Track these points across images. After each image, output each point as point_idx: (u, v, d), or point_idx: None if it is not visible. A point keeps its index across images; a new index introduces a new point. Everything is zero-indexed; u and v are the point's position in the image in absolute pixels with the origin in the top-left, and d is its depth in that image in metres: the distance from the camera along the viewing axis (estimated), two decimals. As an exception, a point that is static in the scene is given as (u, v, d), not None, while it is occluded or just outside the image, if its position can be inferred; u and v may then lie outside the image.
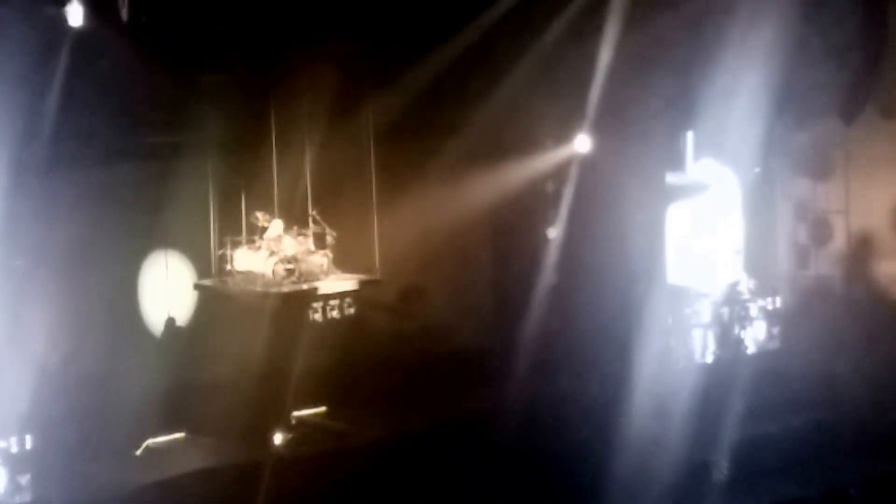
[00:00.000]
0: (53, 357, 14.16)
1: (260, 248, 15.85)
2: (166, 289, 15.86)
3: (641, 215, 16.95)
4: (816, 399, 17.29)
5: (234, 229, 15.98)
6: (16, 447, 13.58)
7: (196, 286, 16.04)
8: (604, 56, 16.58)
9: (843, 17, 17.65)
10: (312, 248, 16.08)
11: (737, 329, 18.24)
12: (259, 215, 15.90)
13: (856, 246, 18.56)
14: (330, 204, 16.25)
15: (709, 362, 17.97)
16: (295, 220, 16.06)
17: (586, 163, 16.94)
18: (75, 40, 14.10)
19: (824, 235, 18.79)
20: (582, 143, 16.95)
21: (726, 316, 18.19)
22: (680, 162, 18.33)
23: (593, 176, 16.87)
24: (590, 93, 16.64)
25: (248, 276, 15.82)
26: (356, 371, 16.41)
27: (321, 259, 16.05)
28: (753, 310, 18.50)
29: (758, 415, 16.54)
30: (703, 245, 18.70)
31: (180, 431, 15.42)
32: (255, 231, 15.93)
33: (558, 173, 17.10)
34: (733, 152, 18.09)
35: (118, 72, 14.54)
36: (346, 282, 16.11)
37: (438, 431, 15.94)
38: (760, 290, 18.62)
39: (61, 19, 14.09)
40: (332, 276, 16.09)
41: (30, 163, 13.92)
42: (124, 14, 14.47)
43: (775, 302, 18.66)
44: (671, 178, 18.00)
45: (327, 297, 15.88)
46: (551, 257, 17.01)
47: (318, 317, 15.82)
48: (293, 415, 15.84)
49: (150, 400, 15.04)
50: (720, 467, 16.00)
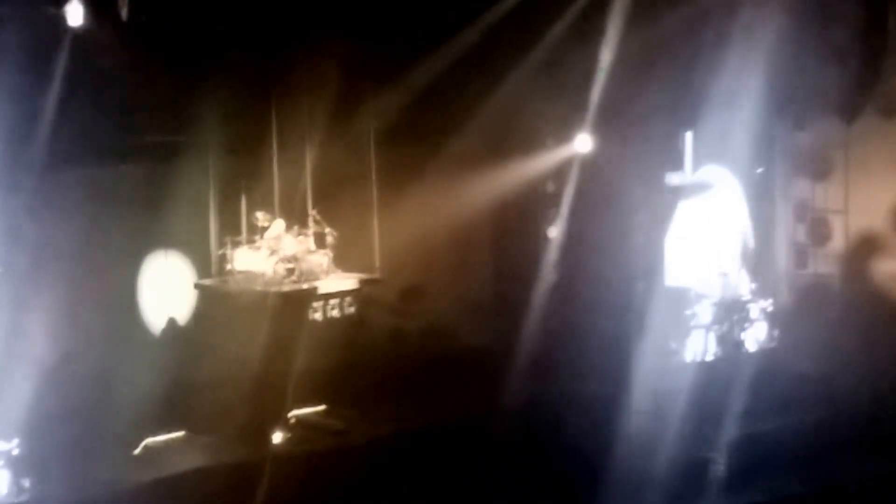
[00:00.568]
0: (53, 356, 14.15)
1: (260, 247, 15.89)
2: (167, 288, 15.90)
3: (642, 215, 16.95)
4: (815, 397, 17.32)
5: (235, 229, 16.03)
6: (18, 449, 13.62)
7: (196, 285, 16.08)
8: (604, 56, 16.58)
9: (843, 16, 17.64)
10: (313, 247, 16.12)
11: (737, 331, 18.26)
12: (259, 215, 15.93)
13: (855, 246, 18.58)
14: (330, 203, 16.29)
15: (708, 362, 17.99)
16: (295, 220, 16.09)
17: (587, 163, 16.93)
18: (75, 40, 14.13)
19: (823, 235, 18.80)
20: (582, 143, 16.94)
21: (726, 317, 18.22)
22: (681, 162, 18.34)
23: (594, 176, 16.87)
24: (590, 93, 16.63)
25: (249, 275, 15.86)
26: (356, 370, 16.42)
27: (321, 258, 16.09)
28: (754, 311, 18.53)
29: (757, 413, 16.57)
30: (704, 246, 18.71)
31: (179, 430, 15.39)
32: (256, 230, 15.96)
33: (559, 173, 17.10)
34: (734, 152, 18.11)
35: (118, 72, 14.59)
36: (346, 281, 16.15)
37: (438, 430, 15.94)
38: (761, 291, 18.65)
39: (61, 19, 14.10)
40: (333, 276, 16.13)
41: (30, 162, 13.95)
42: (124, 14, 14.50)
43: (774, 302, 18.69)
44: (673, 178, 18.02)
45: (327, 297, 15.92)
46: (551, 257, 17.01)
47: (319, 316, 15.86)
48: (292, 414, 15.85)
49: (150, 399, 15.01)
50: (719, 465, 16.04)
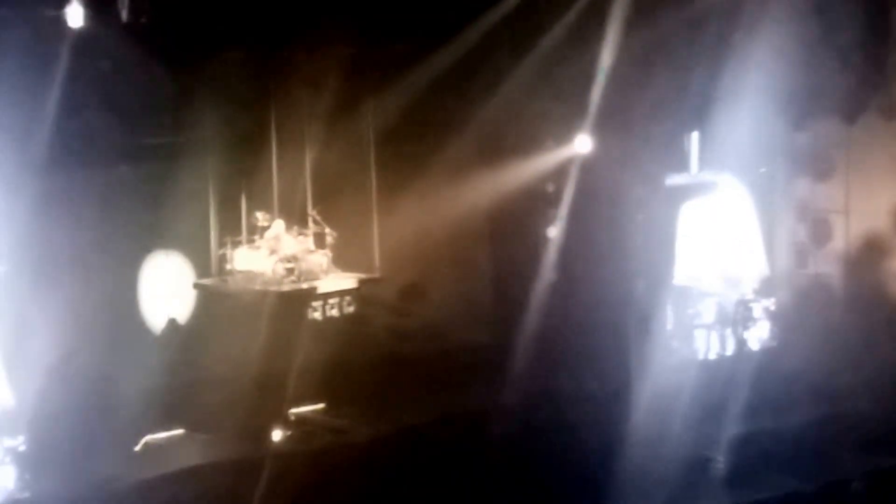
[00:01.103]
0: (54, 354, 14.22)
1: (260, 247, 15.97)
2: (167, 288, 15.99)
3: (642, 215, 16.97)
4: (816, 395, 17.34)
5: (235, 229, 16.10)
6: (23, 445, 13.77)
7: (196, 285, 16.16)
8: (605, 56, 16.59)
9: (846, 17, 17.64)
10: (312, 247, 16.20)
11: (740, 330, 18.26)
12: (259, 215, 16.02)
13: (855, 246, 18.59)
14: (330, 203, 16.35)
15: (709, 361, 18.01)
16: (295, 220, 16.17)
17: (587, 163, 16.95)
18: (75, 41, 14.17)
19: (824, 235, 18.82)
20: (583, 144, 16.97)
21: (730, 316, 18.23)
22: (683, 162, 18.36)
23: (594, 176, 16.87)
24: (591, 93, 16.62)
25: (248, 275, 15.95)
26: (355, 369, 16.44)
27: (321, 258, 16.17)
28: (757, 310, 18.53)
29: (758, 411, 16.61)
30: (707, 245, 18.73)
31: (179, 428, 15.48)
32: (256, 230, 16.05)
33: (558, 173, 17.12)
34: (736, 153, 18.12)
35: (118, 73, 14.61)
36: (345, 280, 16.22)
37: (437, 429, 15.97)
38: (764, 290, 18.66)
39: (61, 20, 14.18)
40: (332, 275, 16.21)
41: (30, 163, 14.01)
42: (124, 15, 14.60)
43: (775, 301, 18.70)
44: (677, 177, 18.04)
45: (327, 296, 16.00)
46: (551, 256, 17.04)
47: (318, 315, 15.93)
48: (292, 412, 15.93)
49: (150, 397, 15.06)
50: (720, 464, 16.06)
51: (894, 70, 18.16)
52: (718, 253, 18.78)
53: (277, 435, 15.52)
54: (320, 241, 16.22)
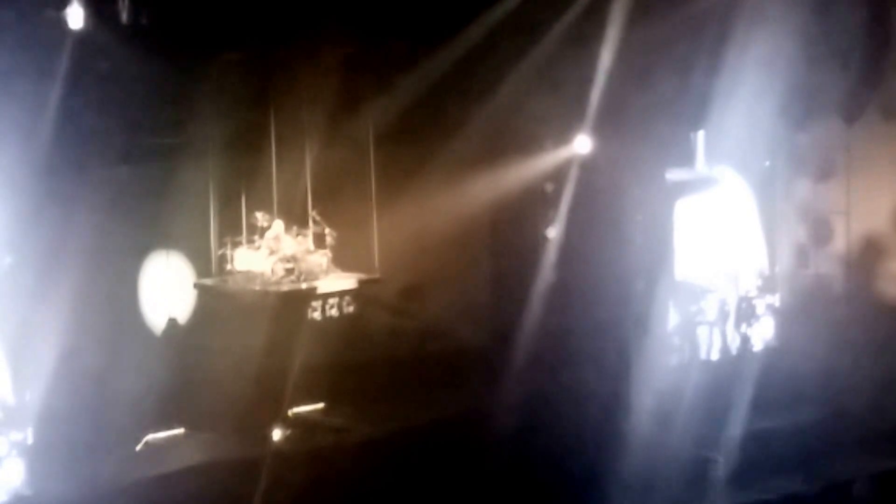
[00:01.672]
0: (54, 353, 14.25)
1: (260, 247, 15.98)
2: (167, 287, 15.99)
3: (641, 215, 16.99)
4: (817, 396, 17.36)
5: (235, 229, 16.10)
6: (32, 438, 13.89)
7: (196, 285, 16.16)
8: (604, 57, 16.63)
9: (846, 18, 17.66)
10: (312, 247, 16.19)
11: (743, 327, 18.25)
12: (259, 215, 16.02)
13: (856, 247, 18.59)
14: (330, 203, 16.34)
15: (709, 360, 18.01)
16: (295, 220, 16.17)
17: (586, 163, 16.98)
18: (75, 42, 14.21)
19: (824, 235, 18.82)
20: (582, 144, 17.01)
21: (732, 313, 18.21)
22: (686, 157, 18.34)
23: (593, 176, 16.92)
24: (590, 94, 16.68)
25: (248, 275, 15.94)
26: (355, 369, 16.47)
27: (321, 258, 16.16)
28: (760, 307, 18.50)
29: (759, 411, 16.65)
30: (710, 241, 18.69)
31: (180, 427, 15.52)
32: (255, 231, 16.06)
33: (558, 174, 17.16)
34: (738, 152, 18.14)
35: (118, 73, 14.62)
36: (345, 281, 16.21)
37: (437, 429, 16.02)
38: (766, 286, 18.63)
39: (61, 22, 14.22)
40: (332, 275, 16.19)
41: (29, 164, 14.01)
42: (124, 16, 14.65)
43: (777, 299, 18.69)
44: (679, 173, 18.02)
45: (326, 296, 15.98)
46: (550, 257, 17.07)
47: (318, 315, 15.92)
48: (291, 411, 15.95)
49: (151, 396, 15.12)
50: (721, 463, 16.07)
51: (894, 71, 18.18)
52: (720, 249, 18.72)
53: (277, 434, 15.55)
54: (320, 241, 16.21)
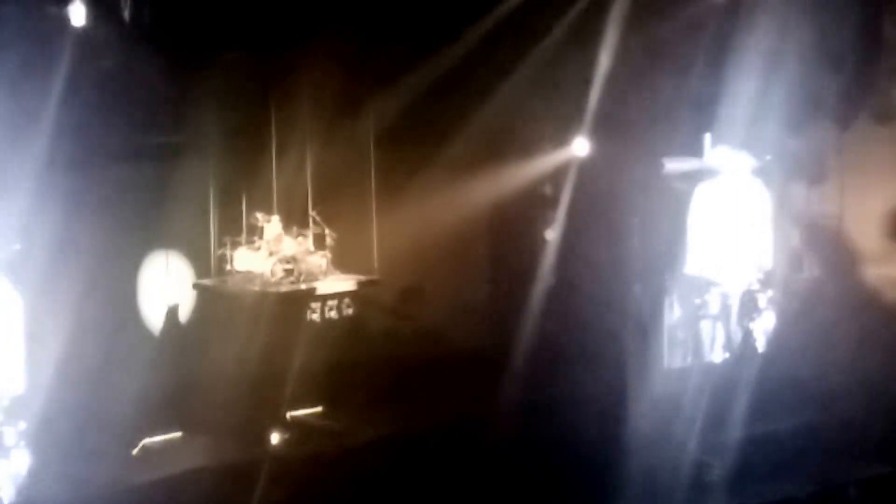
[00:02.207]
0: (51, 355, 14.11)
1: (259, 248, 15.89)
2: (166, 288, 15.89)
3: (640, 217, 17.00)
4: (811, 400, 17.42)
5: (234, 229, 16.01)
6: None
7: (195, 285, 16.06)
8: (603, 60, 16.64)
9: (839, 22, 17.72)
10: (312, 248, 16.12)
11: (745, 321, 18.24)
12: (259, 215, 15.95)
13: (849, 251, 18.65)
14: (329, 204, 16.28)
15: (704, 363, 18.03)
16: (294, 221, 16.09)
17: (585, 166, 16.98)
18: (77, 40, 14.11)
19: (818, 239, 18.88)
20: (581, 146, 17.00)
21: (736, 307, 18.20)
22: (691, 151, 18.29)
23: (592, 179, 16.92)
24: (589, 96, 16.69)
25: (248, 275, 15.86)
26: (353, 371, 16.41)
27: (320, 259, 16.09)
28: (763, 300, 18.49)
29: (754, 416, 16.66)
30: (714, 234, 18.64)
31: (177, 430, 15.42)
32: (255, 231, 15.97)
33: (556, 176, 17.15)
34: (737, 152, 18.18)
35: (119, 72, 14.58)
36: (344, 282, 16.15)
37: (436, 432, 15.95)
38: (768, 280, 18.63)
39: (63, 19, 14.11)
40: (331, 277, 16.14)
41: (30, 163, 13.85)
42: (126, 15, 14.52)
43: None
44: (684, 163, 17.97)
45: (326, 298, 15.91)
46: (549, 258, 17.06)
47: (317, 317, 15.85)
48: (290, 415, 15.86)
49: (148, 399, 14.98)
50: (716, 468, 16.10)
51: (887, 75, 18.27)
52: (724, 241, 18.67)
53: (275, 438, 15.45)
54: (320, 242, 16.16)
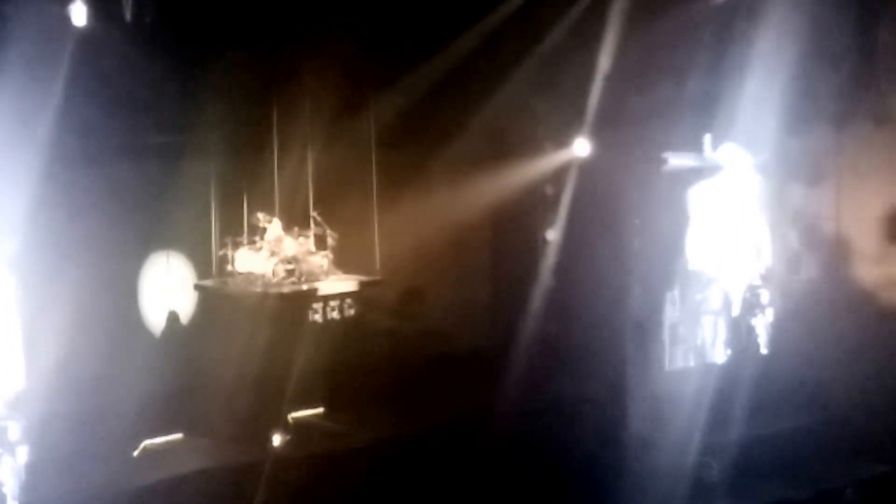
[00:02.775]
0: (51, 356, 14.01)
1: (261, 248, 15.85)
2: (167, 289, 15.85)
3: (640, 218, 17.02)
4: (809, 402, 17.48)
5: (236, 230, 15.96)
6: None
7: (196, 286, 16.02)
8: (603, 59, 16.64)
9: (836, 23, 17.77)
10: (313, 248, 16.10)
11: (748, 317, 18.24)
12: (260, 216, 15.90)
13: (846, 252, 18.70)
14: (331, 205, 16.26)
15: (703, 365, 18.06)
16: (296, 221, 16.06)
17: (586, 166, 16.99)
18: (78, 40, 14.04)
19: (815, 241, 18.92)
20: (582, 147, 17.01)
21: (738, 302, 18.20)
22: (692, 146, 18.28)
23: (593, 179, 16.93)
24: (590, 96, 16.69)
25: (249, 276, 15.82)
26: (355, 372, 16.35)
27: (322, 260, 16.06)
28: (765, 296, 18.49)
29: (752, 417, 16.71)
30: (715, 229, 18.65)
31: (178, 432, 15.34)
32: (256, 232, 15.93)
33: (557, 176, 17.15)
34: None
35: (121, 72, 14.52)
36: (346, 283, 16.12)
37: (437, 433, 15.96)
38: (769, 277, 18.65)
39: (65, 19, 14.03)
40: (333, 277, 16.10)
41: (32, 162, 13.77)
42: (128, 14, 14.45)
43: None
44: (686, 159, 17.98)
45: (327, 298, 15.87)
46: (550, 260, 17.07)
47: (318, 317, 15.80)
48: (291, 416, 15.79)
49: (149, 400, 14.93)
50: (714, 470, 16.14)
51: (884, 76, 18.31)
52: (726, 237, 18.68)
53: (277, 439, 15.38)
54: (321, 242, 16.13)
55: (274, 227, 15.93)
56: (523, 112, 17.02)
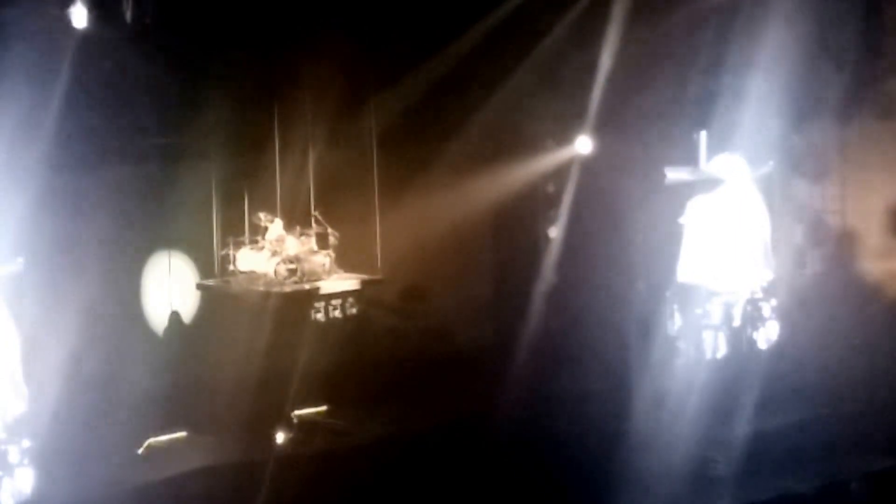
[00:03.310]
0: (56, 355, 14.11)
1: (263, 248, 15.94)
2: (169, 288, 15.93)
3: (642, 215, 17.01)
4: (814, 396, 17.41)
5: (237, 229, 16.06)
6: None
7: (199, 286, 16.12)
8: (605, 58, 16.65)
9: (841, 18, 17.74)
10: (315, 247, 16.18)
11: (749, 330, 18.23)
12: (262, 215, 15.98)
13: (851, 247, 18.67)
14: (333, 204, 16.34)
15: (709, 359, 18.02)
16: (298, 221, 16.15)
17: (588, 164, 17.00)
18: (79, 42, 14.12)
19: (821, 236, 18.89)
20: (583, 145, 17.02)
21: (738, 316, 18.18)
22: (688, 159, 18.29)
23: (595, 177, 16.94)
24: (591, 94, 16.71)
25: (251, 276, 15.91)
26: (358, 370, 16.40)
27: (323, 259, 16.14)
28: (766, 309, 18.48)
29: (757, 411, 16.63)
30: (716, 242, 18.65)
31: (182, 430, 15.42)
32: (258, 231, 16.02)
33: (559, 174, 17.17)
34: (738, 151, 18.15)
35: (122, 73, 14.60)
36: (348, 281, 16.21)
37: (439, 431, 15.99)
38: (771, 289, 18.61)
39: (65, 21, 14.13)
40: (335, 276, 16.19)
41: (33, 164, 13.86)
42: (128, 16, 14.54)
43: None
44: (683, 173, 17.99)
45: (329, 297, 15.98)
46: (552, 257, 17.08)
47: (321, 316, 15.92)
48: (294, 414, 15.88)
49: (153, 398, 15.05)
50: (721, 464, 16.11)
51: (888, 71, 18.27)
52: (726, 250, 18.67)
53: (280, 437, 15.47)
54: (323, 241, 16.20)
55: (275, 227, 16.03)
56: (525, 110, 17.02)
